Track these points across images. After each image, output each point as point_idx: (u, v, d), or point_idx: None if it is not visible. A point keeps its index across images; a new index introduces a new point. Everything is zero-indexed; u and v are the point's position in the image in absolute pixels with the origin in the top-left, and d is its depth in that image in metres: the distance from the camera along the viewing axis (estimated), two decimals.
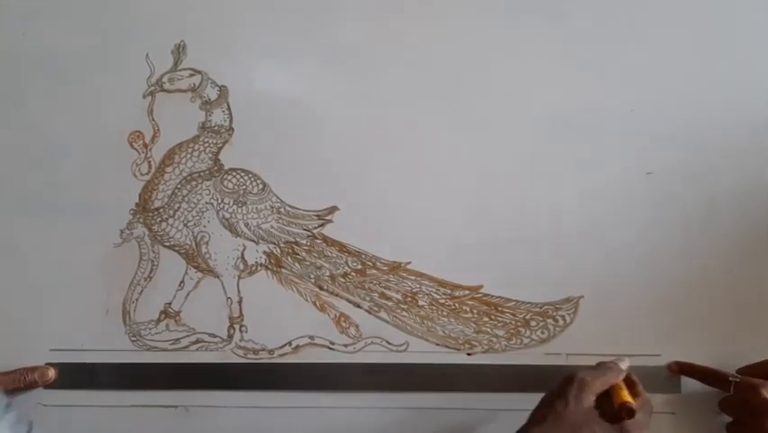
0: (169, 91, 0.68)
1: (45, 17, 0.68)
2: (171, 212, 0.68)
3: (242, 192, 0.68)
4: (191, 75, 0.68)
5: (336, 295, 0.68)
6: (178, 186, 0.68)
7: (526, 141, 0.67)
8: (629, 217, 0.67)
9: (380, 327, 0.68)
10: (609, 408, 0.57)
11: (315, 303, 0.68)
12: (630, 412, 0.55)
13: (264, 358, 0.68)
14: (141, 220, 0.68)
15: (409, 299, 0.68)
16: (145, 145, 0.68)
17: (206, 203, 0.68)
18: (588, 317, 0.67)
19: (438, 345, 0.68)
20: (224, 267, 0.68)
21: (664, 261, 0.67)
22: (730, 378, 0.62)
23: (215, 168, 0.68)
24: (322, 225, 0.68)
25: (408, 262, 0.68)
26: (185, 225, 0.68)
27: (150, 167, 0.68)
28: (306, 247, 0.68)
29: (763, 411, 0.59)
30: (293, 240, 0.68)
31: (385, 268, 0.68)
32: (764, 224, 0.67)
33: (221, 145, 0.68)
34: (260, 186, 0.68)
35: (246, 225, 0.68)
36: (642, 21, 0.67)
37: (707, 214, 0.67)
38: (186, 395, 0.68)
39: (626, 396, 0.57)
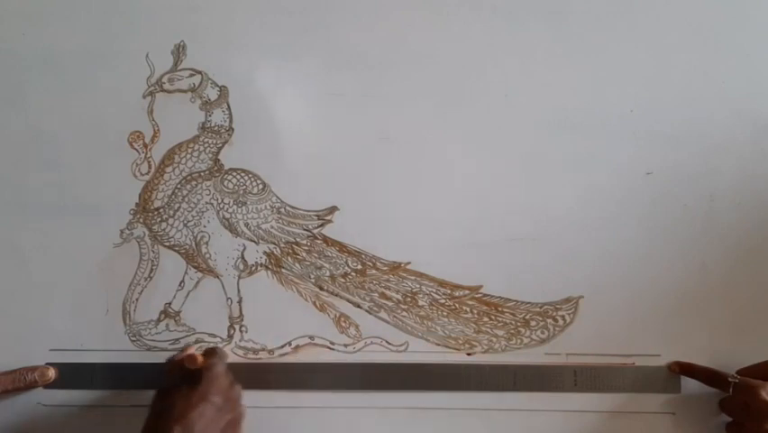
0: (169, 91, 0.68)
1: (45, 17, 0.68)
2: (171, 212, 0.68)
3: (242, 192, 0.68)
4: (191, 75, 0.68)
5: (336, 295, 0.68)
6: (178, 186, 0.68)
7: (526, 141, 0.67)
8: (629, 217, 0.67)
9: (380, 327, 0.68)
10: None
11: (315, 303, 0.68)
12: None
13: (264, 358, 0.68)
14: (141, 220, 0.68)
15: (409, 299, 0.68)
16: (145, 145, 0.68)
17: (206, 203, 0.68)
18: (588, 317, 0.67)
19: (438, 345, 0.68)
20: (224, 267, 0.68)
21: (664, 261, 0.67)
22: (729, 379, 0.62)
23: (215, 168, 0.68)
24: (322, 225, 0.68)
25: (408, 263, 0.68)
26: (185, 225, 0.68)
27: (150, 167, 0.68)
28: (306, 247, 0.68)
29: (762, 413, 0.59)
30: (293, 240, 0.68)
31: (385, 268, 0.68)
32: (764, 224, 0.67)
33: (221, 145, 0.68)
34: (260, 186, 0.68)
35: (246, 225, 0.68)
36: (642, 21, 0.67)
37: (707, 214, 0.67)
38: None
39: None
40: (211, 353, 0.64)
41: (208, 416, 0.57)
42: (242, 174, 0.68)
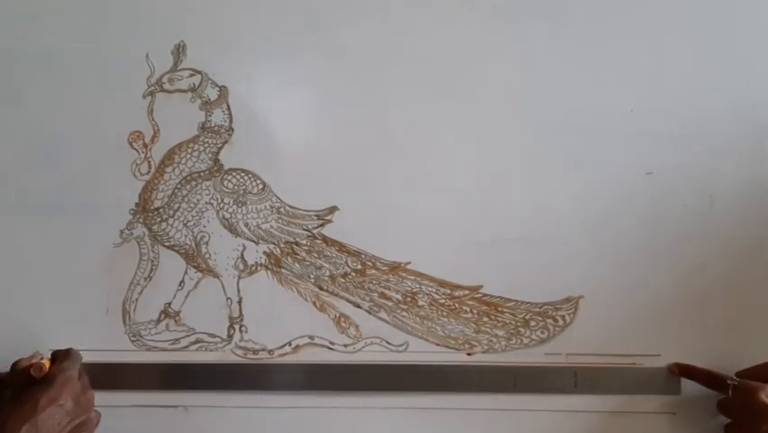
0: (169, 91, 0.68)
1: (45, 17, 0.68)
2: (171, 212, 0.68)
3: (242, 192, 0.68)
4: (191, 75, 0.68)
5: (336, 295, 0.68)
6: (178, 186, 0.68)
7: (526, 141, 0.67)
8: (629, 218, 0.67)
9: (380, 327, 0.68)
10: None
11: (315, 303, 0.68)
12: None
13: (264, 358, 0.68)
14: (141, 220, 0.68)
15: (409, 299, 0.68)
16: (145, 145, 0.68)
17: (206, 203, 0.68)
18: (588, 317, 0.67)
19: (438, 345, 0.68)
20: (223, 267, 0.68)
21: (664, 261, 0.67)
22: (728, 381, 0.62)
23: (215, 168, 0.68)
24: (322, 225, 0.68)
25: (408, 262, 0.68)
26: (185, 225, 0.68)
27: (150, 167, 0.68)
28: (305, 247, 0.68)
29: (761, 414, 0.59)
30: (293, 240, 0.68)
31: (385, 268, 0.68)
32: (764, 224, 0.67)
33: (221, 145, 0.68)
34: (260, 186, 0.68)
35: (246, 225, 0.68)
36: (642, 21, 0.67)
37: (707, 214, 0.67)
38: (186, 395, 0.68)
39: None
40: (64, 355, 0.63)
41: (56, 419, 0.57)
42: (242, 174, 0.68)
